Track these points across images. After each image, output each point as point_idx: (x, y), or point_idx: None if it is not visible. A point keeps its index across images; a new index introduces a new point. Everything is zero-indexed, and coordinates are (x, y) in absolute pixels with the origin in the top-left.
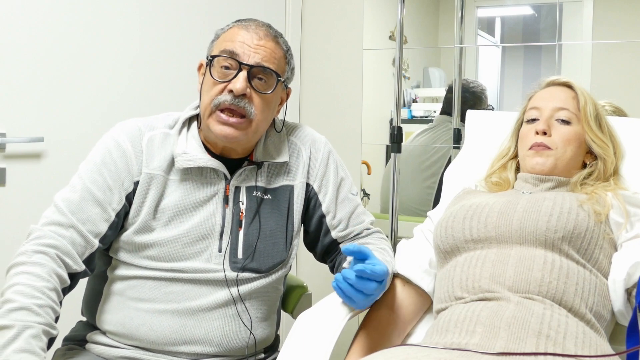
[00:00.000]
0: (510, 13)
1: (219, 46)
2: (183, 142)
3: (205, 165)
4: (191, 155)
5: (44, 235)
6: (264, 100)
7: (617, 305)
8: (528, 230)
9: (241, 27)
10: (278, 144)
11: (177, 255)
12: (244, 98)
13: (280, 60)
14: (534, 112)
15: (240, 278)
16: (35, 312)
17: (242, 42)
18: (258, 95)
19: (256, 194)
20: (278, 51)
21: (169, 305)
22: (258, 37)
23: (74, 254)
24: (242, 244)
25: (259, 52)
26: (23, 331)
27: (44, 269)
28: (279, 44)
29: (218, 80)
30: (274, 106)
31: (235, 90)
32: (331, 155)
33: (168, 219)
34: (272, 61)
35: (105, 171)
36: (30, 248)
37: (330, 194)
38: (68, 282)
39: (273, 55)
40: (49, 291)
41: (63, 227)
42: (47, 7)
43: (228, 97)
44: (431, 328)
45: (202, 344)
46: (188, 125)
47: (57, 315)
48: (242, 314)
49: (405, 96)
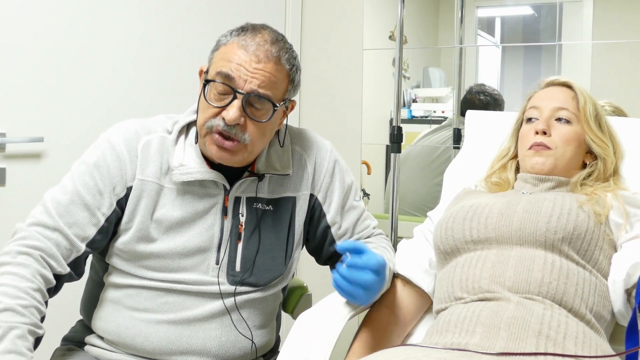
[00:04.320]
0: (510, 13)
1: (216, 64)
2: (180, 152)
3: (202, 178)
4: (188, 168)
5: (29, 236)
6: (260, 128)
7: (617, 305)
8: (528, 231)
9: (240, 46)
10: (282, 155)
11: (174, 267)
12: (236, 126)
13: (280, 83)
14: (534, 112)
15: (238, 291)
16: (20, 313)
17: (239, 65)
18: (253, 123)
19: (257, 205)
20: (279, 73)
21: (165, 315)
22: (257, 60)
23: (59, 257)
24: (241, 257)
25: (256, 77)
26: (8, 332)
27: (28, 270)
28: (280, 64)
29: (213, 105)
30: (272, 128)
31: (227, 120)
32: (337, 164)
33: (165, 229)
34: (269, 86)
35: (97, 174)
36: (15, 249)
37: (335, 204)
38: (53, 283)
39: (272, 80)
40: (33, 291)
41: (49, 229)
42: (47, 7)
43: (221, 123)
44: (431, 328)
45: (199, 355)
46: (187, 131)
47: (42, 315)
48: (240, 324)
49: (405, 96)
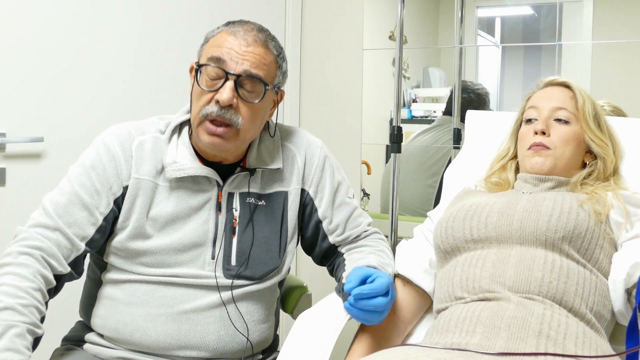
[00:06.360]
0: (510, 13)
1: (207, 52)
2: (173, 150)
3: (195, 174)
4: (180, 165)
5: (29, 237)
6: (252, 110)
7: (617, 305)
8: (528, 230)
9: (229, 33)
10: (272, 150)
11: (171, 262)
12: (230, 109)
13: (270, 66)
14: (533, 112)
15: (234, 285)
16: (19, 312)
17: (230, 49)
18: (245, 105)
19: (250, 200)
20: (268, 56)
21: (163, 309)
22: (246, 43)
23: (59, 256)
24: (236, 251)
25: (247, 59)
26: (7, 330)
27: (29, 270)
28: (268, 49)
29: (205, 89)
30: (263, 113)
31: (221, 101)
32: (327, 159)
33: (161, 226)
34: (260, 67)
35: (94, 175)
36: (16, 249)
37: (326, 199)
38: (54, 283)
39: (262, 62)
40: (34, 291)
41: (49, 230)
42: (47, 7)
43: (215, 109)
44: (431, 328)
45: (198, 349)
46: (179, 131)
47: (42, 315)
48: (237, 318)
49: (405, 96)
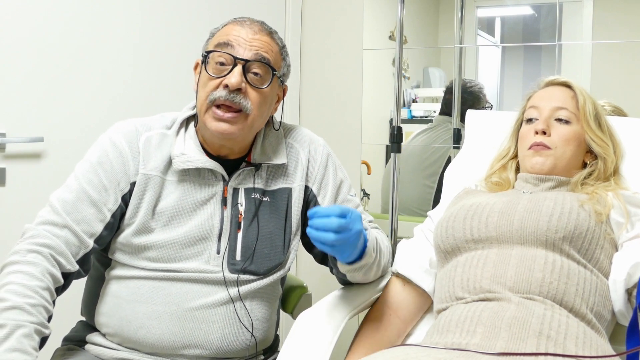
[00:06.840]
0: (510, 13)
1: (213, 43)
2: (181, 143)
3: (202, 166)
4: (188, 157)
5: (38, 235)
6: (260, 95)
7: (617, 305)
8: (529, 230)
9: (236, 23)
10: (276, 146)
11: (176, 257)
12: (239, 93)
13: (276, 55)
14: (533, 112)
15: (240, 280)
16: (27, 312)
17: (237, 36)
18: (254, 90)
19: (255, 195)
20: (274, 45)
21: (167, 307)
22: (253, 32)
23: (68, 254)
24: (241, 246)
25: (254, 45)
26: (15, 330)
27: (37, 268)
28: (274, 40)
29: (213, 75)
30: (270, 101)
31: (230, 84)
32: (330, 157)
33: (166, 220)
34: (268, 53)
35: (101, 171)
36: (24, 247)
37: (329, 196)
38: (61, 282)
39: (269, 48)
40: (42, 290)
41: (57, 227)
42: (47, 7)
43: (223, 93)
44: (431, 328)
45: (202, 347)
46: (186, 125)
47: (50, 315)
48: (243, 315)
49: (405, 96)
